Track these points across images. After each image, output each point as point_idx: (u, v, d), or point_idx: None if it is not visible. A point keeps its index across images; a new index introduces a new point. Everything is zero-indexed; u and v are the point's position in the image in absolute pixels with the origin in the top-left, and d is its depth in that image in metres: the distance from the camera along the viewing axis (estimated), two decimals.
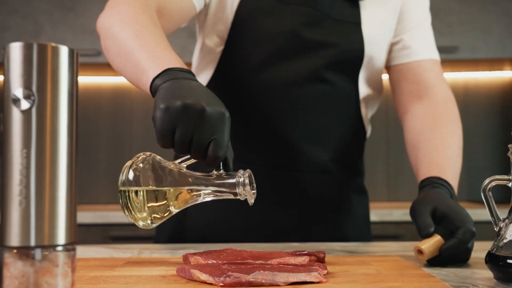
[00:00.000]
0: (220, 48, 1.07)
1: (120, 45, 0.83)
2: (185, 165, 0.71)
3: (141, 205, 0.69)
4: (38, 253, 0.42)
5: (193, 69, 1.15)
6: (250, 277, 0.58)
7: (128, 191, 0.69)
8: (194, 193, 0.71)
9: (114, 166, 2.75)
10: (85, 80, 2.75)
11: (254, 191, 0.71)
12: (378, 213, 2.15)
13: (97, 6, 2.48)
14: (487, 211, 0.69)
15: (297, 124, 1.06)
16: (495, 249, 0.66)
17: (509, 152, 0.67)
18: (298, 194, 1.08)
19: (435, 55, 1.14)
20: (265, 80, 1.04)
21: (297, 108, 1.05)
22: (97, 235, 2.17)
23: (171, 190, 0.70)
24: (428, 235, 0.78)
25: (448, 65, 2.61)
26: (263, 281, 0.58)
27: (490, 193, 0.69)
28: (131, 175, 0.69)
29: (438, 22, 2.46)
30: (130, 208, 0.69)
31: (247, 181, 0.70)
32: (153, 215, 0.70)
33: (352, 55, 1.07)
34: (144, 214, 0.70)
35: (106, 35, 0.88)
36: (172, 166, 0.71)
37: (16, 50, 0.42)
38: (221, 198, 0.72)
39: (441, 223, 0.80)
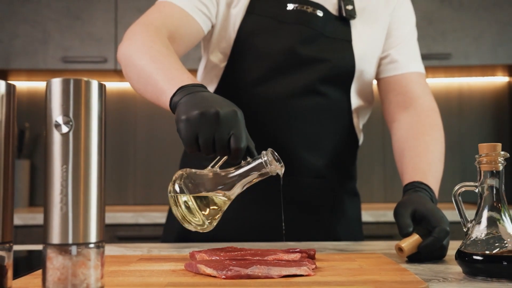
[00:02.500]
0: (223, 64, 1.15)
1: (140, 71, 0.94)
2: (217, 167, 0.80)
3: (195, 214, 0.78)
4: (74, 249, 0.51)
5: None
6: (249, 271, 0.67)
7: (179, 203, 0.78)
8: (234, 186, 0.79)
9: (119, 169, 2.83)
10: None
11: (282, 164, 0.79)
12: (374, 214, 2.18)
13: (103, 14, 2.55)
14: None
15: (294, 133, 1.14)
16: (463, 247, 0.74)
17: (476, 161, 0.76)
18: (295, 197, 1.15)
19: (421, 69, 1.22)
20: (264, 92, 1.12)
21: (294, 118, 1.13)
22: (104, 235, 2.25)
23: (215, 192, 0.79)
24: (408, 234, 0.87)
25: (442, 71, 2.68)
26: (259, 274, 0.67)
27: (460, 198, 0.78)
28: (177, 188, 0.78)
29: (432, 30, 2.54)
30: (188, 220, 0.79)
31: (271, 158, 0.78)
32: (209, 218, 0.80)
33: (344, 70, 1.15)
34: (201, 220, 0.79)
35: (127, 64, 0.98)
36: (206, 172, 0.80)
37: (56, 84, 0.51)
38: (256, 181, 0.80)
39: (420, 223, 0.88)
